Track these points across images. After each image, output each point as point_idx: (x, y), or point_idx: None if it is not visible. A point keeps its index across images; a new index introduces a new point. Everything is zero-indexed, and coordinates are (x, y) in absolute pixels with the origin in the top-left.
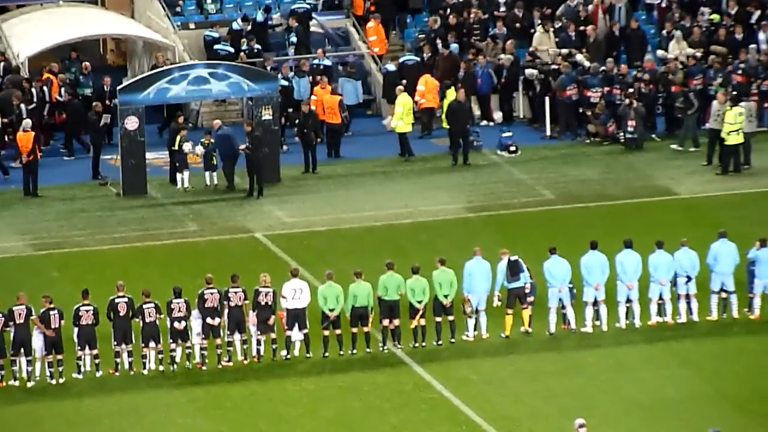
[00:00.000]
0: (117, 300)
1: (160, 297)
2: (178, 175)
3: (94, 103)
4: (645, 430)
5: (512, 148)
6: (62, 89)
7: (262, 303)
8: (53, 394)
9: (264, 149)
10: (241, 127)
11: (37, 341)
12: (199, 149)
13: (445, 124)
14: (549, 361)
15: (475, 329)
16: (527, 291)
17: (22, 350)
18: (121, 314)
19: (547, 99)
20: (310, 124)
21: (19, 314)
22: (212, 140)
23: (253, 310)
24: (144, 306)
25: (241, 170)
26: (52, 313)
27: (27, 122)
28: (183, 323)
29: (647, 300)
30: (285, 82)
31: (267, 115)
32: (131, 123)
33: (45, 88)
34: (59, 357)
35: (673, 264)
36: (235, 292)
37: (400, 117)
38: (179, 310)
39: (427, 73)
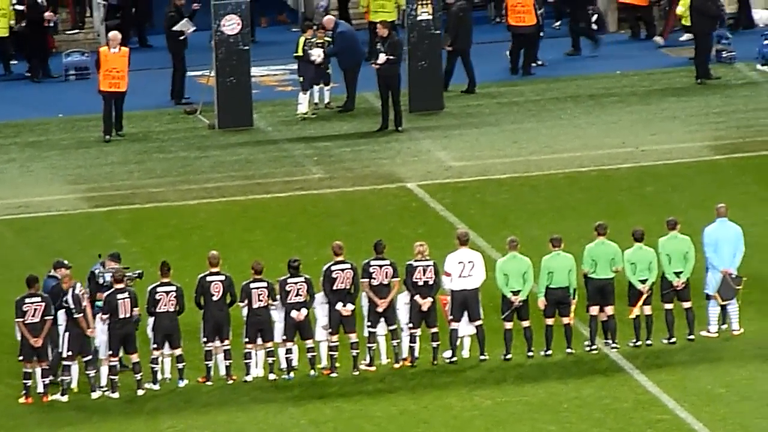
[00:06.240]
0: (209, 278)
1: (270, 274)
2: (301, 96)
3: None
4: None
5: None
6: None
7: (419, 283)
8: (118, 413)
9: (422, 62)
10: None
11: (101, 335)
12: (318, 52)
13: (686, 21)
14: None
15: (722, 322)
16: None
17: (79, 348)
18: (216, 298)
19: None
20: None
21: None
22: (329, 39)
23: (409, 294)
24: (251, 286)
25: (374, 92)
26: (120, 297)
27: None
28: (303, 312)
29: None
30: None
31: (425, 13)
32: (230, 25)
33: None
34: (133, 359)
35: None
36: (380, 267)
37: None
38: (298, 293)
39: None
